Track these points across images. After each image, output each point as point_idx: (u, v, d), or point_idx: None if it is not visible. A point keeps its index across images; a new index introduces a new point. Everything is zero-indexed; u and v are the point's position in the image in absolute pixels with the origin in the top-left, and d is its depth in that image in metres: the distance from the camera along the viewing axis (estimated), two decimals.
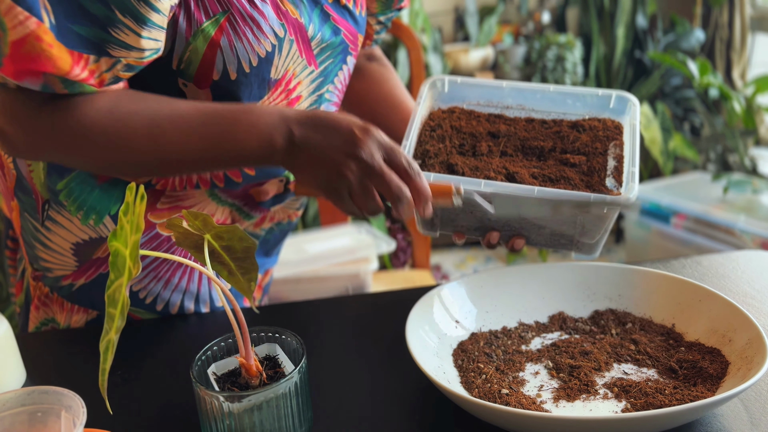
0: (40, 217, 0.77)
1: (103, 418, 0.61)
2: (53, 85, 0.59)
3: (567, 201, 0.69)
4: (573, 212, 0.70)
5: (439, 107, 0.84)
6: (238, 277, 0.59)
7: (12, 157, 0.77)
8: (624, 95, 0.80)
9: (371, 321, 0.80)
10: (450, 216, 0.76)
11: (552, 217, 0.72)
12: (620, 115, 0.81)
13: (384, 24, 0.90)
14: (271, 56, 0.69)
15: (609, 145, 0.77)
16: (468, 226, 0.76)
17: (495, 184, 0.70)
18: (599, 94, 0.81)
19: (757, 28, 2.89)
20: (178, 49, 0.65)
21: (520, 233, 0.75)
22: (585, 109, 0.82)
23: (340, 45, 0.76)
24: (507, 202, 0.70)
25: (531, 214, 0.72)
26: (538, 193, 0.68)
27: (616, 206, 0.68)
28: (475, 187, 0.69)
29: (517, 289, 0.77)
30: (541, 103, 0.83)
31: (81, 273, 0.79)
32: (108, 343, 0.48)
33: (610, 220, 0.71)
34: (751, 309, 0.75)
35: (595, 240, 0.74)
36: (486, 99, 0.84)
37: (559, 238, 0.75)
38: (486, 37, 2.90)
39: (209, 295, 0.84)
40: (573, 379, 0.63)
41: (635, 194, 0.68)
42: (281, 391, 0.54)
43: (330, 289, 1.47)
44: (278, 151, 0.64)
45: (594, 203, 0.68)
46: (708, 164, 2.83)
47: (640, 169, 3.00)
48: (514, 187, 0.69)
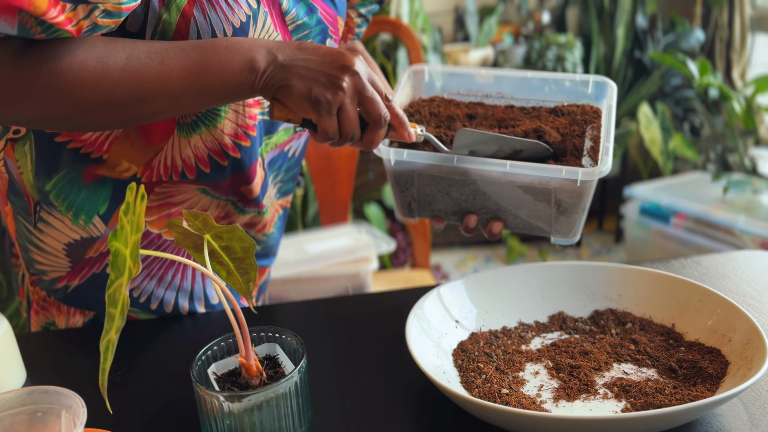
0: (32, 219, 0.77)
1: (103, 418, 0.61)
2: (29, 28, 0.56)
3: (538, 176, 0.69)
4: (547, 190, 0.70)
5: (420, 97, 0.85)
6: (236, 277, 0.59)
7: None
8: (602, 79, 0.81)
9: (371, 321, 0.80)
10: (427, 199, 0.77)
11: (527, 195, 0.72)
12: (599, 100, 0.81)
13: (365, 17, 0.91)
14: (246, 26, 0.68)
15: (587, 128, 0.77)
16: (445, 210, 0.77)
17: (469, 159, 0.70)
18: (577, 79, 0.82)
19: (757, 28, 2.89)
20: (151, 21, 0.64)
21: (497, 215, 0.76)
22: (564, 96, 0.83)
23: (318, 25, 0.76)
24: (482, 179, 0.71)
25: (506, 194, 0.73)
26: (510, 169, 0.69)
27: (590, 179, 0.68)
28: (448, 163, 0.70)
29: (517, 289, 0.77)
30: (521, 90, 0.83)
31: (75, 274, 0.79)
32: (108, 342, 0.48)
33: (586, 197, 0.71)
34: (751, 309, 0.75)
35: (572, 220, 0.74)
36: (466, 88, 0.85)
37: (536, 220, 0.75)
38: (486, 37, 2.90)
39: (203, 293, 0.84)
40: (573, 379, 0.63)
41: (608, 167, 0.68)
42: (281, 391, 0.54)
43: (330, 289, 1.47)
44: (261, 74, 0.63)
45: (566, 178, 0.68)
46: (708, 164, 2.83)
47: (640, 169, 3.01)
48: (486, 162, 0.70)
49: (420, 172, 0.74)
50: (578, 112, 0.79)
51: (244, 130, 0.75)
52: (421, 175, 0.74)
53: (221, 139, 0.74)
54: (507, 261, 2.87)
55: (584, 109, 0.80)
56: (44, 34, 0.57)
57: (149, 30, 0.65)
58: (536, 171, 0.69)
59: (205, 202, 0.78)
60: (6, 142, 0.74)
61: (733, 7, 2.84)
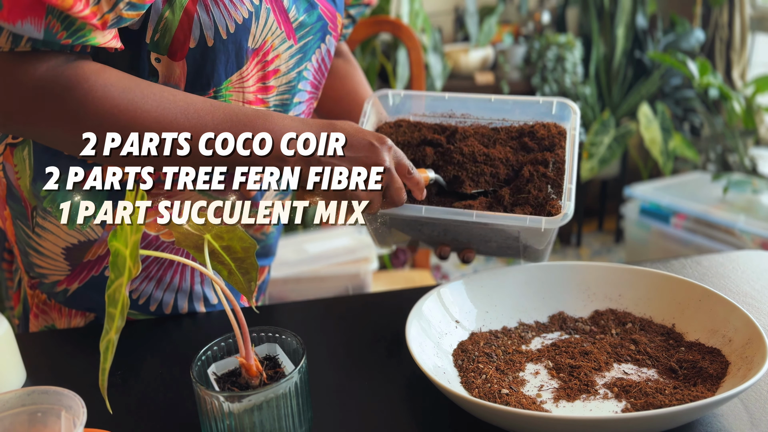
0: (30, 224, 0.77)
1: (103, 418, 0.61)
2: (55, 32, 0.57)
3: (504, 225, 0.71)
4: (514, 231, 0.73)
5: (386, 121, 0.85)
6: (237, 277, 0.59)
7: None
8: (564, 102, 0.81)
9: (371, 321, 0.80)
10: (400, 235, 0.81)
11: (494, 234, 0.75)
12: (563, 120, 0.82)
13: (353, 18, 0.91)
14: (249, 23, 0.68)
15: (551, 154, 0.77)
16: (419, 242, 0.82)
17: (436, 210, 0.72)
18: (540, 102, 0.82)
19: (757, 28, 2.89)
20: (153, 18, 0.65)
21: (469, 247, 0.80)
22: (529, 116, 0.83)
23: (319, 21, 0.76)
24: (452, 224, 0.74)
25: (475, 232, 0.76)
26: (477, 218, 0.71)
27: (552, 227, 0.70)
28: (416, 213, 0.72)
29: (517, 289, 0.77)
30: (485, 111, 0.84)
31: (74, 277, 0.79)
32: (108, 343, 0.48)
33: (551, 235, 0.74)
34: (751, 309, 0.75)
35: (539, 252, 0.78)
36: (431, 110, 0.86)
37: (506, 250, 0.80)
38: (486, 37, 2.90)
39: (203, 293, 0.84)
40: (573, 379, 0.63)
41: (570, 213, 0.70)
42: (281, 391, 0.54)
43: (330, 289, 1.47)
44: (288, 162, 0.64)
45: (530, 226, 0.70)
46: (708, 164, 2.83)
47: (640, 169, 3.01)
48: (454, 212, 0.72)
49: (390, 215, 0.75)
50: (545, 135, 0.79)
51: None
52: (393, 218, 0.76)
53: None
54: (507, 261, 2.87)
55: (550, 131, 0.80)
56: (70, 39, 0.58)
57: (150, 28, 0.65)
58: (501, 220, 0.71)
59: (202, 201, 0.78)
60: (5, 147, 0.75)
61: (733, 7, 2.84)
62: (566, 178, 0.74)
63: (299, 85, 0.79)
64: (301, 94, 0.80)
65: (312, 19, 0.75)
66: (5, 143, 0.74)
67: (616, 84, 2.98)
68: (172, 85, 0.71)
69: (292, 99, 0.79)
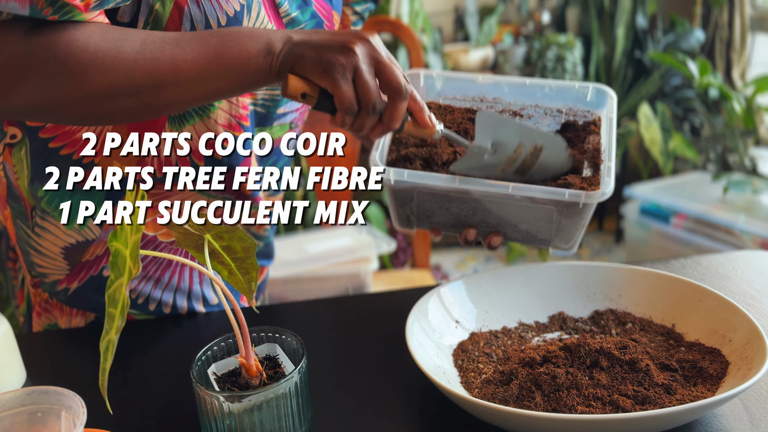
0: (30, 224, 0.77)
1: (103, 418, 0.61)
2: (41, 9, 0.56)
3: (541, 198, 0.69)
4: (549, 209, 0.70)
5: None
6: (238, 277, 0.59)
7: None
8: (601, 88, 0.80)
9: (371, 321, 0.80)
10: (426, 213, 0.76)
11: (528, 213, 0.72)
12: (597, 108, 0.81)
13: (361, 15, 0.90)
14: (240, 16, 0.68)
15: (587, 138, 0.77)
16: (444, 222, 0.77)
17: (470, 181, 0.69)
18: (576, 87, 0.81)
19: (757, 28, 2.89)
20: (144, 10, 0.64)
21: (497, 230, 0.76)
22: (562, 102, 0.82)
23: (313, 19, 0.75)
24: (483, 198, 0.71)
25: (506, 212, 0.72)
26: (513, 191, 0.68)
27: (591, 202, 0.68)
28: (450, 184, 0.69)
29: (517, 289, 0.77)
30: (518, 96, 0.83)
31: (73, 276, 0.79)
32: (108, 343, 0.48)
33: (587, 216, 0.71)
34: (751, 309, 0.75)
35: (571, 235, 0.74)
36: (462, 93, 0.84)
37: (536, 234, 0.75)
38: (486, 37, 2.90)
39: (202, 293, 0.84)
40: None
41: (611, 189, 0.68)
42: (281, 391, 0.54)
43: (330, 289, 1.47)
44: (277, 54, 0.61)
45: (569, 200, 0.68)
46: (708, 164, 2.83)
47: (640, 169, 3.01)
48: (489, 184, 0.69)
49: (420, 189, 0.73)
50: (578, 121, 0.79)
51: (237, 121, 0.75)
52: (421, 192, 0.73)
53: (215, 130, 0.74)
54: (507, 261, 2.87)
55: (584, 116, 0.80)
56: (56, 15, 0.57)
57: (141, 19, 0.65)
58: (539, 193, 0.68)
59: (202, 201, 0.78)
60: (4, 147, 0.75)
61: (733, 7, 2.84)
62: (605, 156, 0.73)
63: None
64: None
65: (305, 16, 0.75)
66: (3, 143, 0.74)
67: (616, 84, 2.98)
68: None
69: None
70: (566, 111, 0.82)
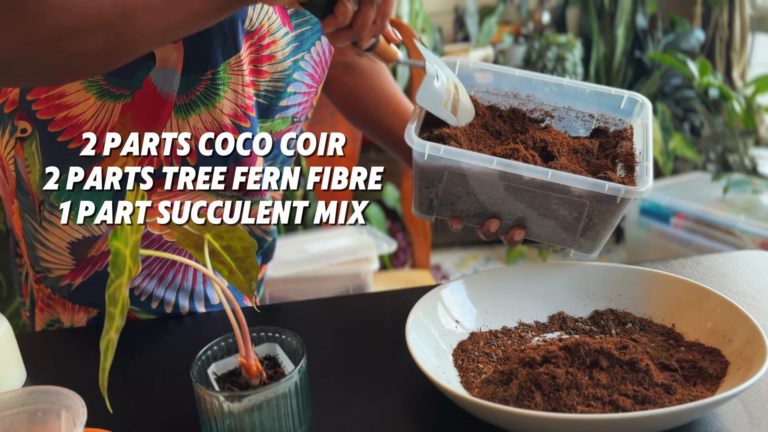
0: (37, 218, 0.78)
1: (103, 417, 0.61)
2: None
3: (578, 189, 0.67)
4: (582, 203, 0.69)
5: None
6: (238, 277, 0.59)
7: None
8: (635, 96, 0.80)
9: (371, 321, 0.80)
10: (452, 198, 0.74)
11: (560, 206, 0.70)
12: (629, 116, 0.81)
13: None
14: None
15: (619, 143, 0.77)
16: (468, 211, 0.74)
17: (508, 163, 0.67)
18: (612, 93, 0.81)
19: (757, 28, 2.89)
20: None
21: (521, 224, 0.73)
22: (595, 107, 0.82)
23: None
24: (517, 184, 0.69)
25: (536, 203, 0.70)
26: (552, 177, 0.66)
27: (629, 197, 0.66)
28: (487, 164, 0.67)
29: (517, 289, 0.77)
30: (551, 96, 0.82)
31: (78, 272, 0.80)
32: (108, 342, 0.48)
33: (619, 215, 0.69)
34: (751, 309, 0.75)
35: (599, 236, 0.72)
36: (496, 87, 0.83)
37: (562, 233, 0.73)
38: (486, 38, 2.90)
39: (204, 293, 0.84)
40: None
41: (649, 188, 0.67)
42: (281, 391, 0.54)
43: (330, 289, 1.47)
44: None
45: (608, 193, 0.66)
46: (708, 164, 2.83)
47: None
48: (529, 168, 0.67)
49: (451, 170, 0.71)
50: (609, 128, 0.80)
51: (243, 111, 0.75)
52: (452, 173, 0.71)
53: (221, 120, 0.74)
54: (507, 261, 2.87)
55: (615, 124, 0.80)
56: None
57: None
58: (580, 183, 0.67)
59: (210, 200, 0.78)
60: (15, 141, 0.75)
61: (733, 7, 2.84)
62: (642, 157, 0.72)
63: (295, 75, 0.79)
64: (297, 84, 0.80)
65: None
66: (15, 137, 0.74)
67: (616, 84, 2.98)
68: (169, 70, 0.71)
69: (286, 88, 0.79)
70: (598, 117, 0.82)
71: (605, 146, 0.79)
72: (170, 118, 0.73)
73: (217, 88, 0.72)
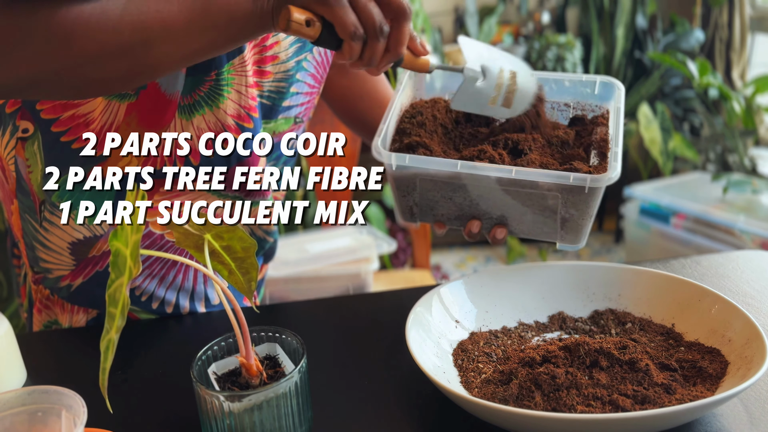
0: (38, 218, 0.78)
1: (104, 417, 0.61)
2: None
3: (545, 183, 0.67)
4: (554, 196, 0.69)
5: (421, 98, 0.84)
6: (238, 277, 0.59)
7: None
8: (608, 80, 0.80)
9: (371, 321, 0.80)
10: (430, 204, 0.75)
11: (532, 202, 0.70)
12: (605, 101, 0.81)
13: None
14: None
15: (594, 129, 0.77)
16: (448, 215, 0.75)
17: (472, 165, 0.68)
18: (583, 80, 0.81)
19: (756, 28, 2.89)
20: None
21: (501, 222, 0.74)
22: (570, 96, 0.82)
23: None
24: (487, 185, 0.70)
25: (510, 201, 0.71)
26: (516, 174, 0.67)
27: (597, 186, 0.67)
28: (452, 168, 0.68)
29: (517, 289, 0.77)
30: None
31: (78, 272, 0.80)
32: (108, 342, 0.48)
33: (594, 203, 0.70)
34: (750, 309, 0.75)
35: (578, 226, 0.72)
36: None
37: (542, 227, 0.74)
38: (486, 38, 2.90)
39: (204, 293, 0.84)
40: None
41: (617, 173, 0.67)
42: (281, 390, 0.54)
43: (330, 289, 1.48)
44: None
45: (574, 184, 0.67)
46: (708, 164, 2.83)
47: (640, 169, 3.01)
48: (492, 168, 0.68)
49: (422, 177, 0.72)
50: (587, 115, 0.80)
51: (246, 111, 0.75)
52: (424, 180, 0.73)
53: (224, 121, 0.74)
54: (507, 261, 2.87)
55: (592, 110, 0.80)
56: None
57: None
58: (543, 177, 0.67)
59: (210, 200, 0.79)
60: (16, 141, 0.75)
61: (733, 7, 2.84)
62: (612, 143, 0.72)
63: (297, 75, 0.79)
64: (300, 84, 0.80)
65: None
66: (16, 137, 0.74)
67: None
68: None
69: (289, 88, 0.79)
70: (574, 105, 0.82)
71: (582, 134, 0.78)
72: (174, 119, 0.73)
73: (221, 89, 0.72)
